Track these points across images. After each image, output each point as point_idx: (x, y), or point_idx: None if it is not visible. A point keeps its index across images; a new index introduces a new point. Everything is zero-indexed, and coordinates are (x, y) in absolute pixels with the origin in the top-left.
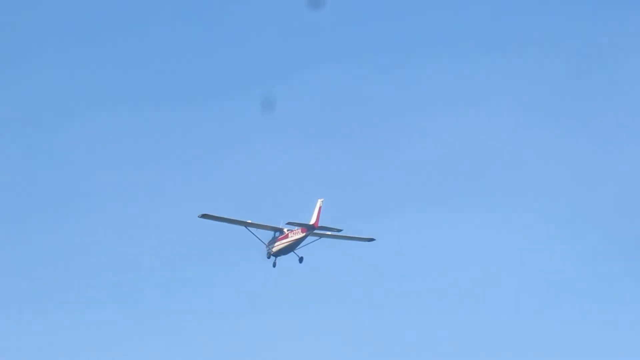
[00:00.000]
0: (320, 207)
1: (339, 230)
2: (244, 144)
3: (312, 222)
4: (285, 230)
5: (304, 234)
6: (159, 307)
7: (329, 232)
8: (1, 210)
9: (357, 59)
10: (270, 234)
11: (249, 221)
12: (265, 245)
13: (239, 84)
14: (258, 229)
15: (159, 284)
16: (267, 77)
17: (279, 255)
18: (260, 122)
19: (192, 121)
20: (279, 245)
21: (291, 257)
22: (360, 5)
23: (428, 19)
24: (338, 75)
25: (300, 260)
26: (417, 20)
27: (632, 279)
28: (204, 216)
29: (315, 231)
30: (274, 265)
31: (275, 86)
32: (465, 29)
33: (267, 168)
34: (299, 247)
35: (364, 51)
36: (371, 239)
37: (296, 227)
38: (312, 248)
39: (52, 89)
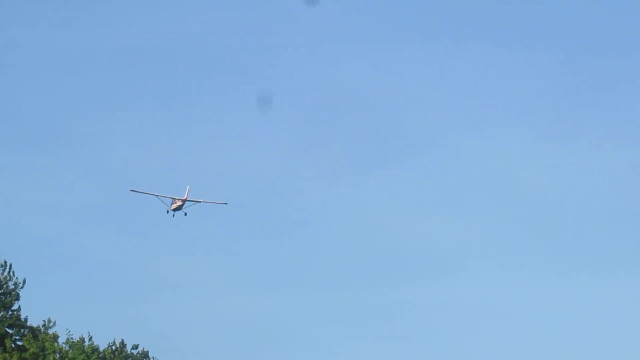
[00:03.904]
0: (188, 190)
1: (199, 202)
2: None
3: (184, 197)
4: (176, 198)
5: (182, 202)
6: None
7: (195, 200)
8: None
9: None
10: (170, 200)
11: (156, 194)
12: (168, 206)
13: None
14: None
15: None
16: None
17: (175, 211)
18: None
19: None
20: (173, 206)
21: (180, 212)
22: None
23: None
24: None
25: (185, 213)
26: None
27: None
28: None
29: (187, 201)
30: (173, 216)
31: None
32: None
33: None
34: (184, 208)
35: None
36: (225, 203)
37: (178, 199)
38: (192, 209)
39: None
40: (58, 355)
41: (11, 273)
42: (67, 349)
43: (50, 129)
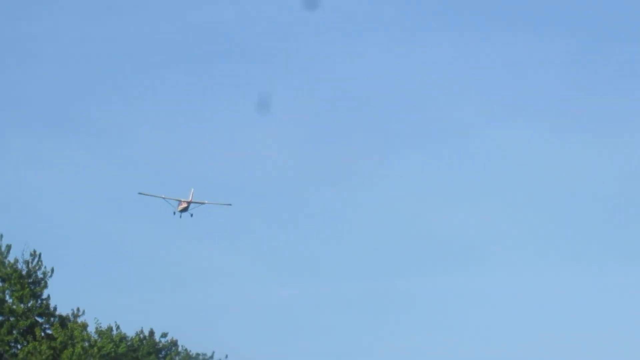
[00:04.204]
0: (192, 193)
1: (204, 203)
2: None
3: (189, 199)
4: (182, 200)
5: (187, 204)
6: None
7: (199, 202)
8: None
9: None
10: (176, 202)
11: (163, 196)
12: (175, 208)
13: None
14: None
15: None
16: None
17: (182, 212)
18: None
19: None
20: (179, 208)
21: (187, 213)
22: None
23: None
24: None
25: (191, 215)
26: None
27: None
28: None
29: (192, 202)
30: (180, 217)
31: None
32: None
33: None
34: (189, 209)
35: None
36: (229, 204)
37: (184, 201)
38: (198, 210)
39: None
40: (87, 344)
41: (40, 262)
42: (96, 337)
43: (80, 119)
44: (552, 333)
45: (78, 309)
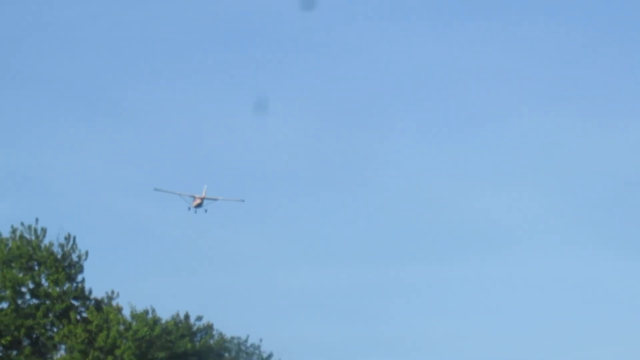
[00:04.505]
0: (205, 188)
1: (217, 199)
2: None
3: (202, 195)
4: (196, 196)
5: (201, 200)
6: None
7: (213, 198)
8: None
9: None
10: (191, 199)
11: (178, 192)
12: (189, 204)
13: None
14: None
15: None
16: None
17: (197, 208)
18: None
19: None
20: (194, 203)
21: (201, 210)
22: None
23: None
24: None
25: (206, 210)
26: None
27: None
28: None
29: (206, 199)
30: (195, 212)
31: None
32: None
33: None
34: (203, 205)
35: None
36: (242, 200)
37: (198, 197)
38: (212, 205)
39: None
40: (122, 327)
41: (75, 245)
42: (131, 320)
43: (113, 101)
44: (586, 320)
45: (112, 292)
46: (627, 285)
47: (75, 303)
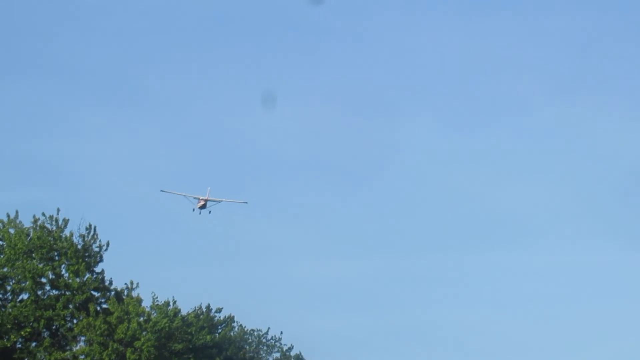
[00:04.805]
0: (209, 190)
1: (221, 201)
2: None
3: (206, 197)
4: (200, 198)
5: (205, 202)
6: None
7: (216, 200)
8: None
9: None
10: (196, 200)
11: (184, 194)
12: (194, 205)
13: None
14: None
15: None
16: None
17: (201, 209)
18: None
19: None
20: (199, 205)
21: (205, 211)
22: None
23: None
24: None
25: (209, 212)
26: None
27: None
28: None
29: (209, 200)
30: (199, 213)
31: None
32: None
33: None
34: (207, 206)
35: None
36: (245, 202)
37: (202, 199)
38: (215, 207)
39: None
40: (142, 319)
41: (95, 236)
42: (151, 311)
43: (135, 90)
44: (613, 310)
45: (132, 282)
46: None
47: (96, 294)
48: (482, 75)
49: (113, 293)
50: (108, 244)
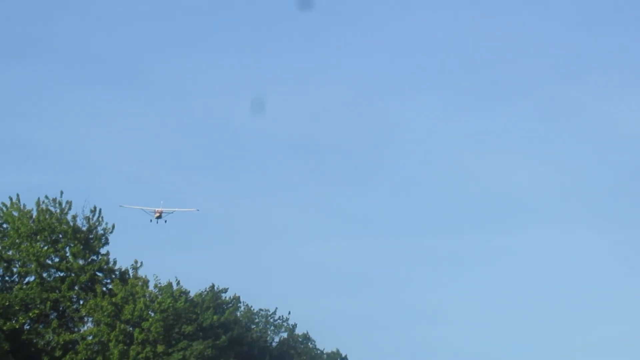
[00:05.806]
0: (162, 204)
1: (174, 211)
2: None
3: (160, 209)
4: (156, 210)
5: (160, 213)
6: None
7: (169, 210)
8: None
9: None
10: (152, 212)
11: (142, 207)
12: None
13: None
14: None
15: None
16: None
17: (157, 219)
18: None
19: None
20: (155, 216)
21: (162, 220)
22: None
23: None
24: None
25: (165, 221)
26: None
27: None
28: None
29: (163, 211)
30: (157, 222)
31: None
32: None
33: None
34: (163, 216)
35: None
36: (197, 210)
37: (157, 210)
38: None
39: None
40: (147, 298)
41: (100, 218)
42: (156, 292)
43: (141, 75)
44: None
45: (136, 261)
46: None
47: (100, 275)
48: (482, 56)
49: (117, 274)
50: (113, 227)
